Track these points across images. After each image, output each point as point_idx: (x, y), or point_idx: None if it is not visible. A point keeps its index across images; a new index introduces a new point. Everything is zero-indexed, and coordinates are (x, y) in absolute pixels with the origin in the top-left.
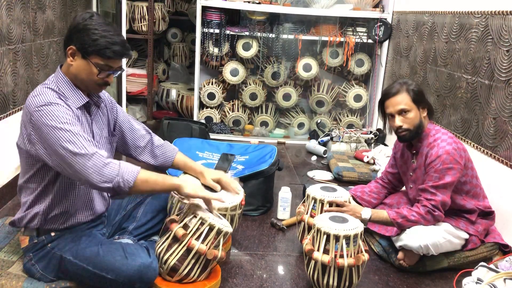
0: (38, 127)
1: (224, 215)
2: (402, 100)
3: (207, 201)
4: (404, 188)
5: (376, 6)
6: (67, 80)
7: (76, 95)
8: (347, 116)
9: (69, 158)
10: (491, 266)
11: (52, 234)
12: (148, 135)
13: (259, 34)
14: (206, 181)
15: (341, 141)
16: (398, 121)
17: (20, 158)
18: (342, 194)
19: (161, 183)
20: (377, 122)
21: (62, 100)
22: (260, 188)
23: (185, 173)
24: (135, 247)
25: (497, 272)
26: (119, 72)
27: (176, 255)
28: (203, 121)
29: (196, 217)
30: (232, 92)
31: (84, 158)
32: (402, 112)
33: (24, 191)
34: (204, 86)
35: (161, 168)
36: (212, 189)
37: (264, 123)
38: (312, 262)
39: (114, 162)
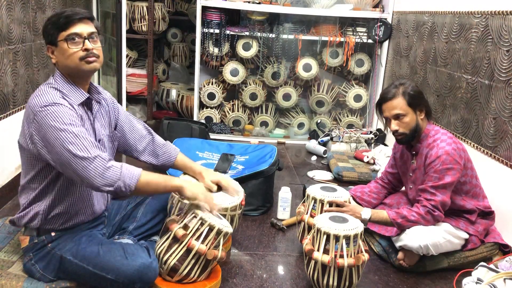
0: (41, 127)
1: (224, 215)
2: (397, 104)
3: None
4: (404, 188)
5: (376, 6)
6: (65, 78)
7: (77, 92)
8: (347, 116)
9: (71, 160)
10: (491, 266)
11: (52, 234)
12: (149, 135)
13: (259, 34)
14: (205, 182)
15: (341, 141)
16: (394, 125)
17: (21, 157)
18: (342, 194)
19: (163, 185)
20: (377, 122)
21: (65, 99)
22: (260, 188)
23: (184, 173)
24: (135, 247)
25: (497, 272)
26: (95, 38)
27: (176, 255)
28: (203, 121)
29: (196, 217)
30: (232, 92)
31: (85, 161)
32: (397, 116)
33: (26, 191)
34: (204, 86)
35: (161, 168)
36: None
37: (264, 123)
38: (312, 262)
39: (116, 165)
